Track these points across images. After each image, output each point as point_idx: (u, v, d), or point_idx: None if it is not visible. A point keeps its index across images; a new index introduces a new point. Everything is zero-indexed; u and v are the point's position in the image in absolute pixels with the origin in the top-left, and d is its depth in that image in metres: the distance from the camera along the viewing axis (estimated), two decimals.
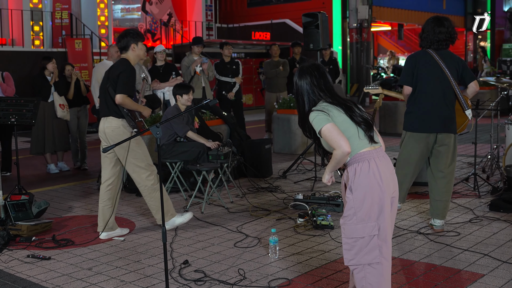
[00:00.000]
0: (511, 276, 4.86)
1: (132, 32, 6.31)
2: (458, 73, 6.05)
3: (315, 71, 3.85)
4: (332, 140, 3.63)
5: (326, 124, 3.64)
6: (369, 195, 3.62)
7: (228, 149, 7.62)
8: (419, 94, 6.00)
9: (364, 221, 3.63)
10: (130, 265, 5.37)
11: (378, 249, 3.64)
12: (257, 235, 6.17)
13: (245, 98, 20.15)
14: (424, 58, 6.01)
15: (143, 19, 23.44)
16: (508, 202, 6.90)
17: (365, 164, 3.65)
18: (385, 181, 3.66)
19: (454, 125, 6.09)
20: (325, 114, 3.67)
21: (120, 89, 6.03)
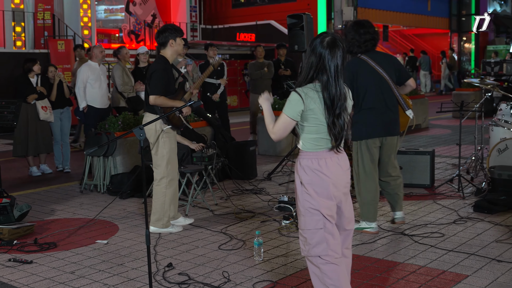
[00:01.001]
0: (495, 276, 4.90)
1: (170, 28, 6.45)
2: (396, 73, 6.17)
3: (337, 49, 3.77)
4: (279, 125, 3.85)
5: (288, 115, 3.79)
6: (316, 191, 3.78)
7: (212, 151, 7.62)
8: (363, 103, 6.05)
9: (309, 214, 3.79)
10: (113, 268, 5.35)
11: (325, 242, 3.78)
12: (242, 237, 6.17)
13: (230, 99, 20.15)
14: (361, 67, 6.05)
15: (127, 20, 23.38)
16: (492, 203, 6.95)
17: (314, 162, 3.79)
18: (334, 177, 3.80)
19: (398, 127, 6.26)
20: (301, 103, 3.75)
21: (152, 90, 6.25)
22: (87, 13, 19.55)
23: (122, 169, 8.60)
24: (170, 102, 6.31)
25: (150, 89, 6.26)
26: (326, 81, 3.74)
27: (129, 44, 22.30)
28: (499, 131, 8.71)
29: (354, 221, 4.07)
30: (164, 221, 6.40)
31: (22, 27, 18.04)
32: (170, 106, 6.32)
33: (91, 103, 9.81)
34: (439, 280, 4.86)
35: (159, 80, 6.25)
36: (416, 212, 7.02)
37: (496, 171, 7.48)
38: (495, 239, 5.91)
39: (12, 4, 17.60)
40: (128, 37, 23.29)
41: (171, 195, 6.48)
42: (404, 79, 6.26)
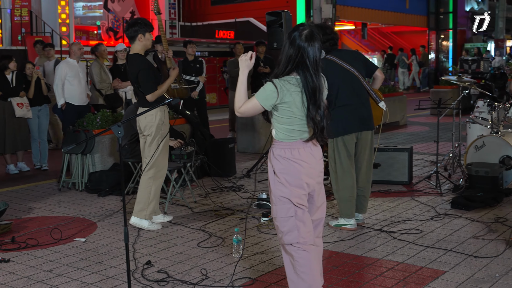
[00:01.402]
0: (472, 272, 4.94)
1: (140, 22, 6.43)
2: (363, 67, 6.25)
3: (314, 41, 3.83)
4: (248, 107, 3.88)
5: (260, 103, 3.83)
6: (288, 180, 3.82)
7: (191, 148, 7.60)
8: (337, 101, 6.08)
9: (281, 202, 3.85)
10: (91, 266, 5.32)
11: (296, 230, 3.84)
12: (221, 235, 6.16)
13: (209, 97, 20.11)
14: (329, 66, 6.05)
15: (105, 17, 23.23)
16: (469, 200, 7.01)
17: (287, 152, 3.83)
18: (306, 171, 3.84)
19: (372, 122, 6.29)
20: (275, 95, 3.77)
21: (147, 89, 6.31)
22: (65, 10, 19.39)
23: (100, 166, 8.55)
24: (165, 87, 6.45)
25: (144, 89, 6.31)
26: (306, 74, 3.78)
27: (107, 41, 22.15)
28: (476, 128, 8.79)
29: (326, 212, 4.14)
30: (147, 213, 6.38)
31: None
32: (165, 90, 6.50)
33: (70, 100, 9.73)
34: (417, 276, 4.90)
35: (148, 78, 6.29)
36: (394, 209, 7.06)
37: (473, 168, 7.55)
38: (472, 235, 5.97)
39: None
40: (106, 34, 23.15)
41: (157, 187, 6.47)
42: (371, 71, 6.34)
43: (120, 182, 5.87)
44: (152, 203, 6.43)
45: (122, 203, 4.31)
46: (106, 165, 8.64)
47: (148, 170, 6.40)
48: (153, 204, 6.45)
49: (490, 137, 7.92)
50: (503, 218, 6.49)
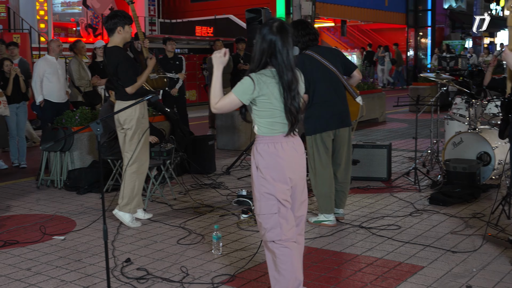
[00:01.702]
0: (449, 267, 4.98)
1: (120, 15, 6.40)
2: (342, 65, 6.26)
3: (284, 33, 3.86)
4: (225, 103, 3.91)
5: (238, 97, 3.85)
6: (271, 175, 3.83)
7: (170, 145, 7.58)
8: (314, 97, 6.09)
9: (264, 199, 3.85)
10: (70, 265, 5.29)
11: (279, 227, 3.85)
12: (200, 232, 6.16)
13: (189, 94, 20.07)
14: (308, 61, 6.10)
15: (84, 14, 23.08)
16: (447, 196, 7.06)
17: (270, 146, 3.85)
18: (289, 165, 3.86)
19: (349, 118, 6.31)
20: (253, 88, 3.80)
21: (126, 83, 6.27)
22: (43, 6, 19.23)
23: (79, 164, 8.50)
24: (143, 77, 6.43)
25: (123, 82, 6.26)
26: (280, 66, 3.81)
27: (86, 38, 22.02)
28: (454, 124, 8.85)
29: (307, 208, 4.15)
30: (132, 207, 6.37)
31: None
32: (146, 77, 6.49)
33: (48, 98, 9.65)
34: (395, 272, 4.93)
35: (127, 70, 6.27)
36: (373, 205, 7.10)
37: (451, 164, 7.60)
38: (450, 230, 6.02)
39: None
40: (85, 31, 23.00)
41: (140, 181, 6.45)
42: (350, 70, 6.34)
43: (99, 179, 5.83)
44: (137, 197, 6.42)
45: (101, 200, 4.28)
46: (85, 162, 8.59)
47: (132, 164, 6.37)
48: (137, 198, 6.44)
49: (468, 134, 7.98)
50: (480, 214, 6.54)
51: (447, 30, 34.86)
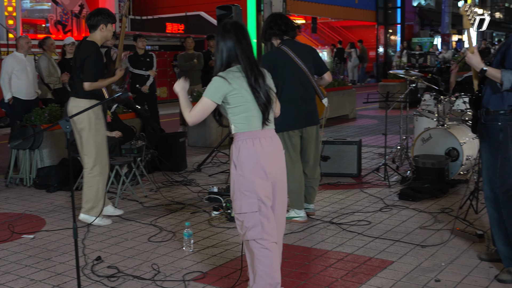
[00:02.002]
0: (418, 262, 5.03)
1: (104, 12, 6.38)
2: (314, 64, 6.26)
3: (239, 30, 3.91)
4: (198, 109, 3.89)
5: (210, 98, 3.84)
6: (251, 172, 3.81)
7: (141, 142, 7.54)
8: (282, 95, 6.02)
9: (245, 198, 3.82)
10: (40, 263, 5.24)
11: (260, 225, 3.82)
12: (172, 229, 6.14)
13: (160, 91, 19.95)
14: (281, 57, 6.09)
15: (53, 10, 22.80)
16: (416, 191, 7.13)
17: (249, 142, 3.82)
18: (268, 160, 3.85)
19: (317, 116, 6.34)
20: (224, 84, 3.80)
21: (87, 77, 6.16)
22: (12, 3, 18.94)
23: (49, 162, 8.42)
24: (106, 82, 6.34)
25: (84, 75, 6.15)
26: (244, 62, 3.85)
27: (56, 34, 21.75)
28: (423, 121, 8.94)
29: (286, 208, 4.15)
30: (99, 209, 6.31)
31: None
32: (106, 84, 6.38)
33: (17, 95, 9.53)
34: (365, 267, 4.96)
35: (93, 66, 6.18)
36: (344, 201, 7.14)
37: (420, 159, 7.67)
38: (419, 225, 6.07)
39: None
40: (54, 27, 22.72)
41: (104, 183, 6.40)
42: (322, 72, 6.35)
43: (69, 177, 5.79)
44: (102, 199, 6.36)
45: (71, 198, 4.25)
46: (55, 160, 8.51)
47: (93, 167, 6.29)
48: (102, 201, 6.38)
49: (437, 130, 8.06)
50: (448, 209, 6.62)
51: (416, 27, 35.19)
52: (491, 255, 5.02)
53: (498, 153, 4.51)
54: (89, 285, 4.69)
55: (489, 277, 4.66)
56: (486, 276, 4.70)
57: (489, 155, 4.58)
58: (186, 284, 4.67)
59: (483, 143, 4.67)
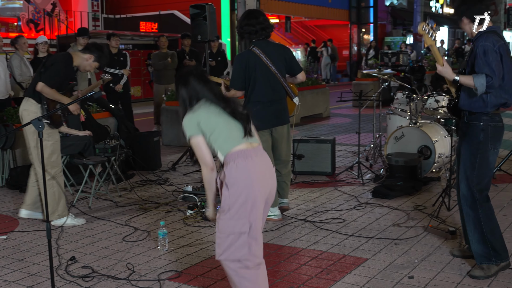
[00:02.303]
0: (392, 259, 5.07)
1: (103, 53, 6.33)
2: (286, 64, 6.24)
3: (195, 72, 3.90)
4: (199, 154, 3.77)
5: (197, 136, 3.74)
6: (244, 192, 3.64)
7: (115, 142, 7.50)
8: (252, 96, 6.09)
9: (236, 217, 3.65)
10: (13, 264, 5.18)
11: (247, 246, 3.67)
12: (146, 228, 6.11)
13: (133, 90, 19.85)
14: (252, 59, 6.08)
15: (25, 9, 22.57)
16: (389, 189, 7.18)
17: (241, 162, 3.67)
18: (261, 180, 3.72)
19: (287, 115, 6.33)
20: (197, 119, 3.73)
21: (45, 79, 5.99)
22: None
23: (21, 162, 8.33)
24: (57, 96, 6.07)
25: (43, 76, 6.00)
26: (205, 96, 3.82)
27: (28, 33, 21.53)
28: (396, 119, 9.00)
29: None
30: (60, 212, 6.23)
31: None
32: (57, 99, 6.09)
33: None
34: (340, 264, 4.99)
35: (57, 73, 6.05)
36: (318, 199, 7.16)
37: (393, 157, 7.73)
38: (392, 223, 6.12)
39: None
40: (27, 26, 22.50)
41: (60, 185, 6.28)
42: (294, 72, 6.32)
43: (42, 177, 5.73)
44: (61, 201, 6.27)
45: (44, 198, 4.21)
46: (27, 160, 8.40)
47: (46, 171, 6.17)
48: (62, 201, 6.29)
49: (409, 128, 8.13)
50: (421, 206, 6.68)
51: (388, 26, 35.44)
52: (463, 251, 5.08)
53: (478, 153, 4.57)
54: (63, 286, 4.66)
55: (461, 273, 4.72)
56: (458, 272, 4.75)
57: (468, 154, 4.62)
58: (161, 284, 4.66)
59: (463, 141, 4.70)
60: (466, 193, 4.66)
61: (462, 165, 4.69)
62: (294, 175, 8.33)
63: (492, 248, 4.61)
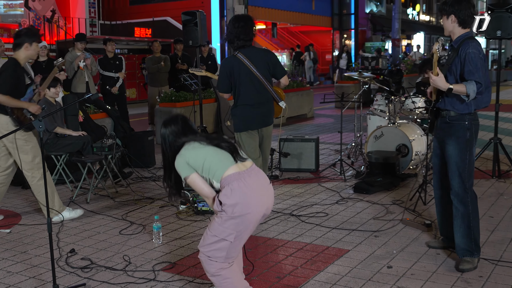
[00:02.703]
0: (372, 250, 5.10)
1: (30, 32, 6.09)
2: (269, 68, 6.09)
3: (176, 119, 3.88)
4: (197, 189, 3.77)
5: (190, 174, 3.71)
6: (238, 212, 3.63)
7: (112, 141, 7.49)
8: (239, 98, 6.02)
9: (225, 225, 3.67)
10: (16, 256, 5.17)
11: (225, 252, 3.71)
12: (142, 222, 6.11)
13: (129, 92, 19.80)
14: (236, 64, 5.98)
15: (27, 15, 22.46)
16: (369, 185, 7.21)
17: (235, 184, 3.64)
18: (257, 199, 3.70)
19: (272, 117, 6.23)
20: (185, 160, 3.70)
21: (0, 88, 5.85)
22: None
23: None
24: (14, 102, 5.92)
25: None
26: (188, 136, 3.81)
27: None
28: (375, 119, 9.04)
29: None
30: (56, 208, 6.20)
31: None
32: (15, 106, 5.96)
33: None
34: (323, 255, 5.01)
35: (7, 80, 5.89)
36: (303, 194, 7.19)
37: (373, 155, 7.76)
38: (372, 216, 6.15)
39: None
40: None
41: (50, 182, 6.20)
42: (278, 76, 6.19)
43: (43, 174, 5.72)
44: (55, 198, 6.23)
45: (45, 194, 4.20)
46: None
47: (33, 174, 6.12)
48: (57, 198, 6.25)
49: (388, 128, 8.16)
50: (399, 201, 6.72)
51: (368, 32, 35.51)
52: (438, 243, 5.12)
53: (467, 150, 4.52)
54: (64, 276, 4.65)
55: (436, 263, 4.75)
56: (433, 262, 4.79)
57: (458, 152, 4.53)
58: (155, 274, 4.66)
59: (450, 141, 4.58)
60: (458, 189, 4.57)
61: (453, 163, 4.57)
62: (280, 171, 8.36)
63: (475, 242, 4.62)
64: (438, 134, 4.76)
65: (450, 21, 4.52)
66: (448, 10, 4.51)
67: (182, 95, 11.44)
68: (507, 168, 8.06)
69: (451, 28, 4.54)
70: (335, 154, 9.73)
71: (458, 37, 4.54)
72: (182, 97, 11.40)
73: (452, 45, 4.60)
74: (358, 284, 4.39)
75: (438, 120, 4.70)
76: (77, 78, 10.43)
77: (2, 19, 21.76)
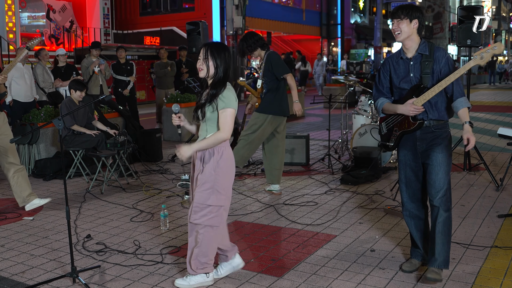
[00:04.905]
0: (357, 235, 5.09)
1: None
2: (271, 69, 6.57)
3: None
4: (230, 123, 3.64)
5: (233, 108, 3.66)
6: (229, 176, 3.73)
7: (124, 138, 7.46)
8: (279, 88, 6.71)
9: (219, 193, 3.73)
10: (38, 241, 5.14)
11: (221, 217, 3.80)
12: (150, 211, 6.09)
13: (139, 94, 19.75)
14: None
15: (48, 26, 22.41)
16: (355, 177, 7.20)
17: (228, 150, 3.72)
18: None
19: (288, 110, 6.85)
20: (234, 96, 3.71)
21: None
22: (12, 19, 18.55)
23: (45, 155, 8.26)
24: None
25: None
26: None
27: (49, 46, 21.37)
28: (360, 118, 9.03)
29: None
30: (25, 199, 6.11)
31: None
32: None
33: (16, 98, 9.36)
34: (313, 240, 5.00)
35: None
36: (295, 185, 7.17)
37: (358, 150, 7.76)
38: (357, 205, 6.14)
39: None
40: (48, 40, 22.34)
41: (23, 176, 6.12)
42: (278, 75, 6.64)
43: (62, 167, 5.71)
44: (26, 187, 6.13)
45: (63, 185, 4.17)
46: (50, 153, 8.36)
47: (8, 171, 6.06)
48: (27, 187, 6.15)
49: (371, 126, 8.15)
50: (381, 191, 6.71)
51: (353, 40, 35.48)
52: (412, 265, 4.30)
53: (451, 156, 4.05)
54: (81, 259, 4.63)
55: None
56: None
57: (447, 157, 3.99)
58: (163, 257, 4.64)
59: (437, 148, 4.00)
60: (446, 191, 3.95)
61: (442, 169, 3.96)
62: None
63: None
64: (418, 146, 4.10)
65: (412, 26, 4.00)
66: (414, 15, 4.00)
67: (186, 96, 11.41)
68: (476, 162, 8.06)
69: (410, 32, 4.00)
70: (324, 150, 9.72)
71: (422, 42, 4.05)
72: (187, 98, 11.37)
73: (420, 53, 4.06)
74: (345, 265, 4.37)
75: (417, 132, 4.08)
76: (92, 81, 10.40)
77: (26, 29, 21.70)
